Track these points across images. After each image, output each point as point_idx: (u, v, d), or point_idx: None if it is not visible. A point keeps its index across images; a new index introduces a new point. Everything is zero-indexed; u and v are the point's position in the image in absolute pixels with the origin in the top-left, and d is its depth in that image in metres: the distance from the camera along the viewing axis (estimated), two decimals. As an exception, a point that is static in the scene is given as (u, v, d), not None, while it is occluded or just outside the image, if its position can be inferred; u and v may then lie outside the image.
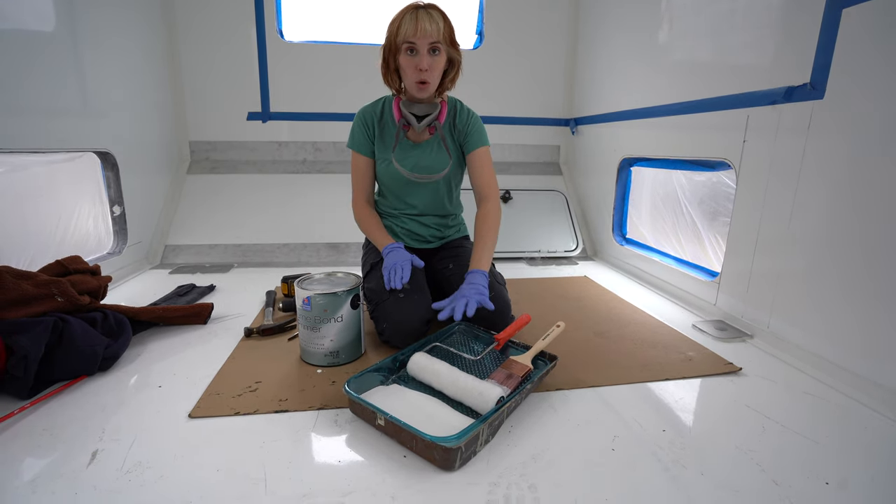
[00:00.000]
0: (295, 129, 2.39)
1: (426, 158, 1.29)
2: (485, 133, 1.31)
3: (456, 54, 1.21)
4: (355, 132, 1.30)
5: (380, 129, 1.29)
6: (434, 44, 1.13)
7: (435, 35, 1.12)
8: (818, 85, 1.09)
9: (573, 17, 2.43)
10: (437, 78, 1.19)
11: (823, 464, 0.77)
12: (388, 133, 1.29)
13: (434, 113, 1.23)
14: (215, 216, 2.17)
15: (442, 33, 1.13)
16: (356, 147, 1.30)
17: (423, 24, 1.11)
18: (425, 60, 1.14)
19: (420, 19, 1.11)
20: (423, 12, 1.13)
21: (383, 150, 1.29)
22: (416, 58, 1.14)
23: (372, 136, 1.29)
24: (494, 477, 0.73)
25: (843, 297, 1.06)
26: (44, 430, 0.82)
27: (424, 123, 1.23)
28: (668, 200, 1.86)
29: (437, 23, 1.12)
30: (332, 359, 1.08)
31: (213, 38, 2.23)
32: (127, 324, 1.15)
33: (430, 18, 1.12)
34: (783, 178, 1.20)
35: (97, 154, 1.71)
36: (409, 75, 1.16)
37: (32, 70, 1.35)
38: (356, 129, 1.30)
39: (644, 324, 1.38)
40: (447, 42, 1.16)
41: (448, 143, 1.29)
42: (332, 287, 1.07)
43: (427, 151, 1.29)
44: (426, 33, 1.11)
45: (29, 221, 1.49)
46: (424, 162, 1.29)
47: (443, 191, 1.34)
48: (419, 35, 1.11)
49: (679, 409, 0.93)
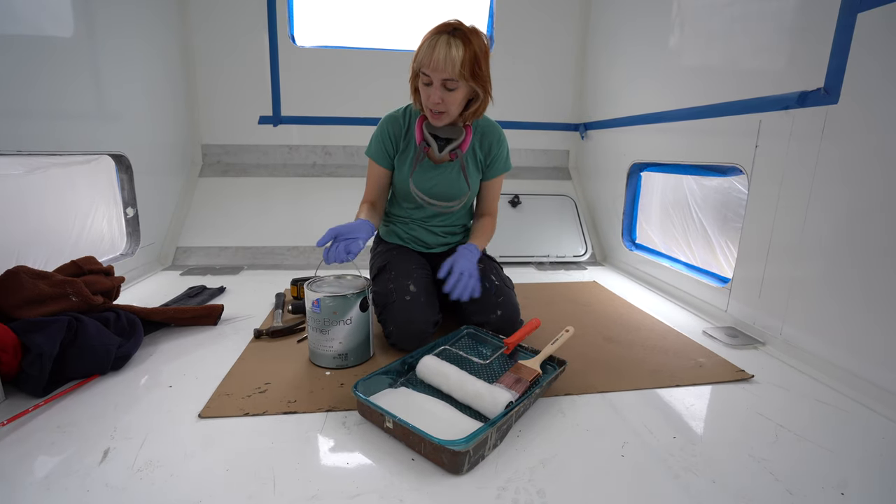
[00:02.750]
0: (305, 133, 2.41)
1: (444, 184, 1.26)
2: (508, 159, 1.30)
3: (479, 87, 1.10)
4: (375, 142, 1.26)
5: (405, 144, 1.25)
6: (447, 81, 1.06)
7: (448, 71, 1.04)
8: (832, 90, 1.08)
9: (583, 20, 2.43)
10: (453, 110, 1.12)
11: (839, 473, 0.76)
12: (411, 149, 1.24)
13: (457, 140, 1.17)
14: (226, 219, 2.20)
15: (458, 69, 1.03)
16: (373, 156, 1.27)
17: (438, 56, 1.03)
18: (436, 94, 1.07)
19: (437, 49, 1.03)
20: (443, 40, 1.03)
21: (402, 166, 1.25)
22: (429, 88, 1.09)
23: (394, 148, 1.25)
24: (503, 481, 0.72)
25: (858, 304, 1.04)
26: (57, 428, 0.83)
27: (446, 151, 1.17)
28: (678, 206, 1.84)
29: (455, 56, 1.02)
30: (340, 361, 1.08)
31: (227, 43, 2.26)
32: (139, 324, 1.17)
33: (448, 50, 1.02)
34: (797, 183, 1.19)
35: (112, 156, 1.74)
36: (425, 103, 1.13)
37: (50, 74, 1.38)
38: (376, 139, 1.26)
39: (654, 329, 1.36)
40: (467, 77, 1.06)
41: (469, 171, 1.25)
42: (342, 290, 1.07)
43: (446, 175, 1.26)
44: (439, 67, 1.03)
45: (45, 222, 1.52)
46: (441, 188, 1.26)
47: (458, 212, 1.34)
48: (432, 67, 1.04)
49: (689, 416, 0.92)
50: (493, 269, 1.29)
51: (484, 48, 1.09)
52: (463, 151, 1.21)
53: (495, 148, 1.26)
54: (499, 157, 1.27)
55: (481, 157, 1.27)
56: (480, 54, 1.07)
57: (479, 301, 1.20)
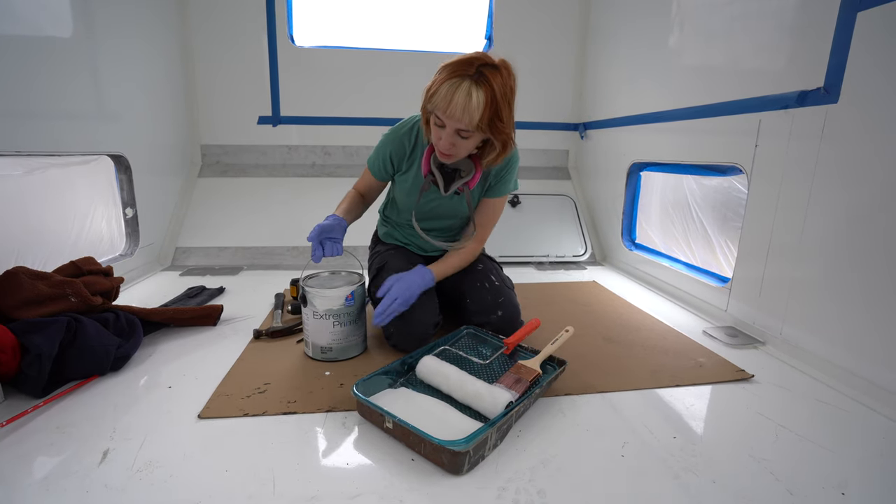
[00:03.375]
0: (305, 133, 2.41)
1: (445, 207, 1.24)
2: (517, 180, 1.23)
3: (498, 136, 1.01)
4: (375, 158, 1.23)
5: (408, 164, 1.20)
6: (461, 131, 0.98)
7: (465, 123, 0.95)
8: (832, 89, 1.08)
9: (583, 20, 2.43)
10: (464, 153, 1.06)
11: (839, 473, 0.76)
12: (414, 169, 1.19)
13: (465, 178, 1.10)
14: (225, 219, 2.19)
15: (475, 122, 0.95)
16: (372, 171, 1.26)
17: (456, 106, 0.93)
18: (447, 140, 1.00)
19: (456, 97, 0.93)
20: (463, 88, 0.92)
21: (404, 183, 1.22)
22: (441, 131, 1.00)
23: (395, 168, 1.22)
24: (503, 481, 0.72)
25: (858, 304, 1.04)
26: (56, 429, 0.83)
27: (453, 189, 1.11)
28: (678, 205, 1.84)
29: (474, 107, 0.93)
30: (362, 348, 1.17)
31: (226, 43, 2.26)
32: (138, 324, 1.17)
33: (468, 100, 0.92)
34: (796, 182, 1.19)
35: (111, 157, 1.73)
36: (434, 143, 1.05)
37: (49, 74, 1.38)
38: (378, 157, 1.22)
39: (653, 329, 1.36)
40: (484, 129, 0.98)
41: (472, 199, 1.21)
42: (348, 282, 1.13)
43: (449, 202, 1.23)
44: (455, 116, 0.94)
45: (44, 223, 1.52)
46: (442, 209, 1.25)
47: (457, 226, 1.32)
48: (448, 114, 0.95)
49: (690, 416, 0.92)
50: (492, 269, 1.29)
51: (509, 90, 0.98)
52: (470, 188, 1.14)
53: (505, 170, 1.19)
54: (507, 178, 1.21)
55: (492, 181, 1.21)
56: (502, 102, 0.96)
57: (479, 301, 1.21)
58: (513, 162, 1.20)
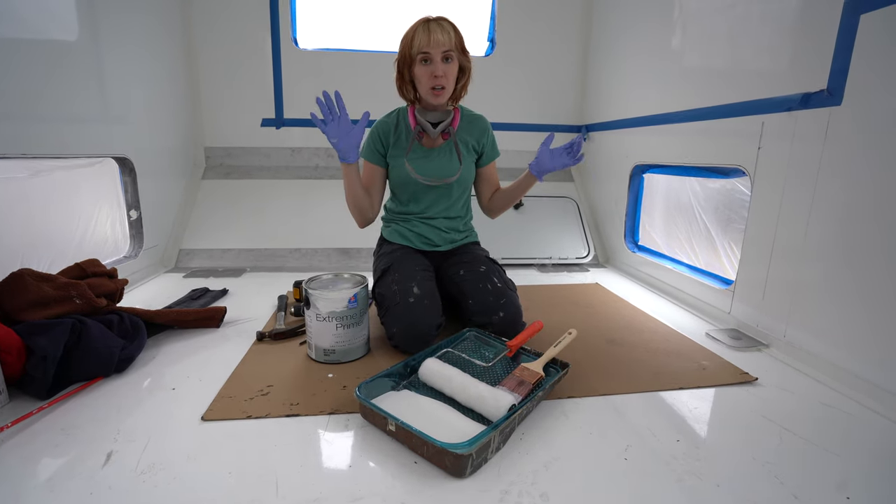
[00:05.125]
0: (308, 136, 2.42)
1: (438, 163, 1.33)
2: (496, 145, 1.44)
3: (466, 62, 1.28)
4: (365, 144, 1.36)
5: (395, 138, 1.34)
6: (447, 52, 1.21)
7: (447, 44, 1.20)
8: (835, 91, 1.07)
9: (585, 22, 2.43)
10: (451, 84, 1.25)
11: (844, 477, 0.75)
12: (403, 140, 1.34)
13: (448, 119, 1.31)
14: (229, 221, 2.20)
15: (453, 42, 1.21)
16: (366, 156, 1.36)
17: (436, 35, 1.19)
18: (440, 68, 1.21)
19: (433, 31, 1.19)
20: (434, 24, 1.21)
21: (397, 155, 1.33)
22: (430, 66, 1.21)
23: (385, 146, 1.35)
24: (506, 484, 0.72)
25: (862, 306, 1.04)
26: (61, 430, 0.84)
27: (439, 129, 1.29)
28: (681, 207, 1.84)
29: (448, 33, 1.20)
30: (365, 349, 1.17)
31: (229, 46, 2.27)
32: (142, 326, 1.17)
33: (441, 29, 1.20)
34: (800, 185, 1.18)
35: (115, 159, 1.74)
36: (425, 83, 1.23)
37: (55, 78, 1.39)
38: (367, 141, 1.37)
39: (656, 332, 1.36)
40: (458, 50, 1.24)
41: (460, 149, 1.34)
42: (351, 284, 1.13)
43: (439, 156, 1.34)
44: (439, 43, 1.19)
45: (49, 225, 1.52)
46: (436, 166, 1.33)
47: (454, 194, 1.37)
48: (433, 45, 1.19)
49: (693, 419, 0.92)
50: (495, 270, 1.29)
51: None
52: (454, 129, 1.32)
53: (484, 137, 1.39)
54: (490, 145, 1.41)
55: (473, 143, 1.37)
56: (462, 35, 1.26)
57: (481, 302, 1.22)
58: (488, 129, 1.41)
